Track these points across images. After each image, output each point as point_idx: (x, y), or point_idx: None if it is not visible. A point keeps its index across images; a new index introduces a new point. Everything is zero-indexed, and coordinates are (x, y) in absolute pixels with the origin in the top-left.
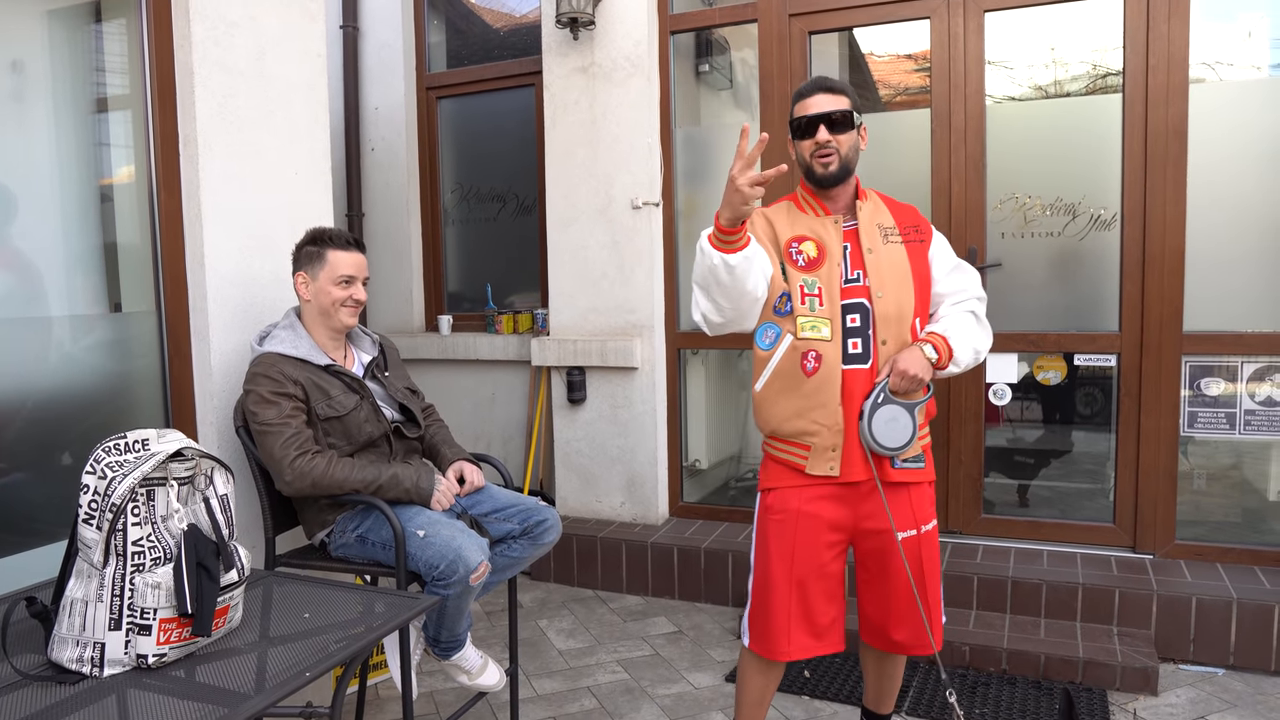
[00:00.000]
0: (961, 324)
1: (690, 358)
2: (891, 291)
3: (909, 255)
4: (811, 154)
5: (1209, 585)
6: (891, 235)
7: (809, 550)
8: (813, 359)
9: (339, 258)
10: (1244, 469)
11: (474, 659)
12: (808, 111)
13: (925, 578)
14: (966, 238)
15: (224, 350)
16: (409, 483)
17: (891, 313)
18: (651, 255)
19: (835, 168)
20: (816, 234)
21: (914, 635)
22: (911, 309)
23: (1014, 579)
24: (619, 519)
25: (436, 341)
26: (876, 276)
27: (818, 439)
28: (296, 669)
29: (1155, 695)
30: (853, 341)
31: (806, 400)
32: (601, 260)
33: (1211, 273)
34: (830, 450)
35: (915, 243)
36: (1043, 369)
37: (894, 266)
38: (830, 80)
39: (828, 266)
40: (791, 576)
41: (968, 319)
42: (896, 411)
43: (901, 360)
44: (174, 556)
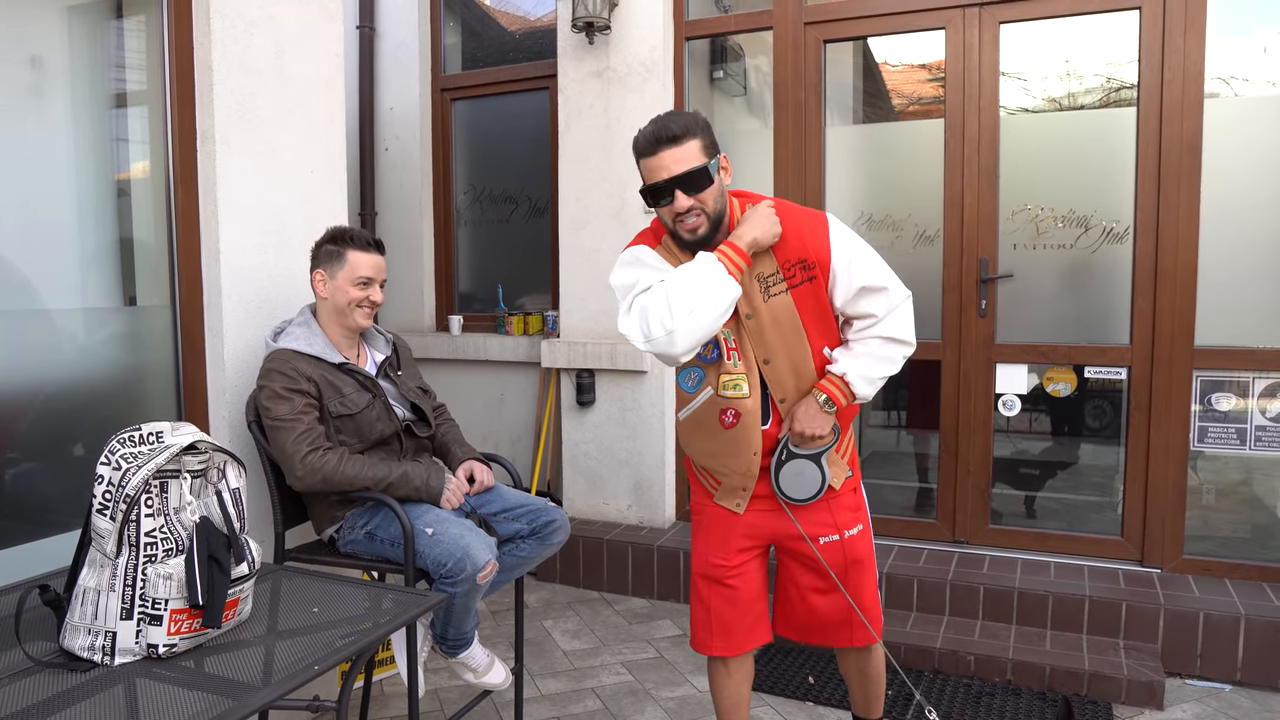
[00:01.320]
0: (862, 355)
1: None
2: (780, 353)
3: (797, 301)
4: (675, 219)
5: (1217, 600)
6: (775, 284)
7: (722, 551)
8: (731, 415)
9: (359, 258)
10: (1254, 485)
11: (480, 657)
12: (657, 177)
13: (849, 579)
14: (978, 249)
15: (238, 345)
16: (419, 481)
17: (784, 372)
18: None
19: (705, 230)
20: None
21: (843, 633)
22: (809, 356)
23: (1020, 590)
24: (626, 521)
25: (447, 341)
26: (761, 344)
27: (728, 480)
28: (304, 663)
29: (1161, 710)
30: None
31: (721, 448)
32: (613, 263)
33: (1223, 287)
34: (741, 490)
35: (805, 283)
36: (1052, 381)
37: (779, 325)
38: (670, 126)
39: (738, 322)
40: (708, 575)
41: (871, 346)
42: (803, 465)
43: (798, 421)
44: (186, 548)
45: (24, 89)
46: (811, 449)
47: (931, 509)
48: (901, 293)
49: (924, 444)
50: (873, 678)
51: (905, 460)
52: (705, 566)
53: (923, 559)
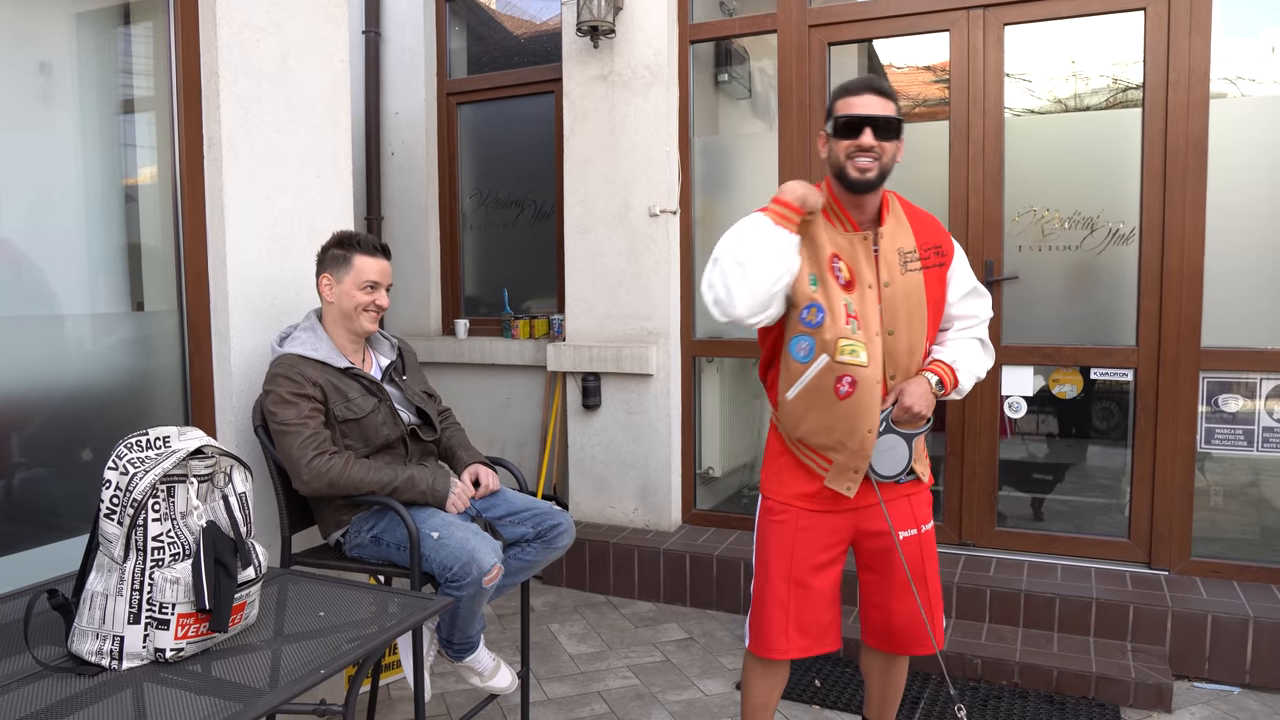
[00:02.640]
0: (968, 352)
1: (705, 365)
2: (903, 327)
3: (926, 283)
4: (848, 155)
5: (1225, 603)
6: (911, 261)
7: (807, 551)
8: (847, 384)
9: (365, 263)
10: (1262, 486)
11: (486, 661)
12: (854, 110)
13: (926, 576)
14: (984, 250)
15: (244, 350)
16: (424, 485)
17: (902, 348)
18: (668, 263)
19: (874, 175)
20: (847, 254)
21: (914, 635)
22: (923, 342)
23: (1027, 592)
24: (632, 525)
25: (453, 345)
26: (891, 313)
27: (840, 458)
28: (310, 667)
29: (1169, 713)
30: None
31: (836, 422)
32: (618, 267)
33: (1230, 289)
34: (853, 471)
35: (935, 267)
36: (1058, 382)
37: (909, 299)
38: (881, 82)
39: (860, 291)
40: (790, 577)
41: (973, 346)
42: (895, 441)
43: (907, 395)
44: (193, 552)
45: (33, 95)
46: (910, 429)
47: (938, 511)
48: (990, 309)
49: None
50: (897, 682)
51: None
52: (790, 568)
53: None
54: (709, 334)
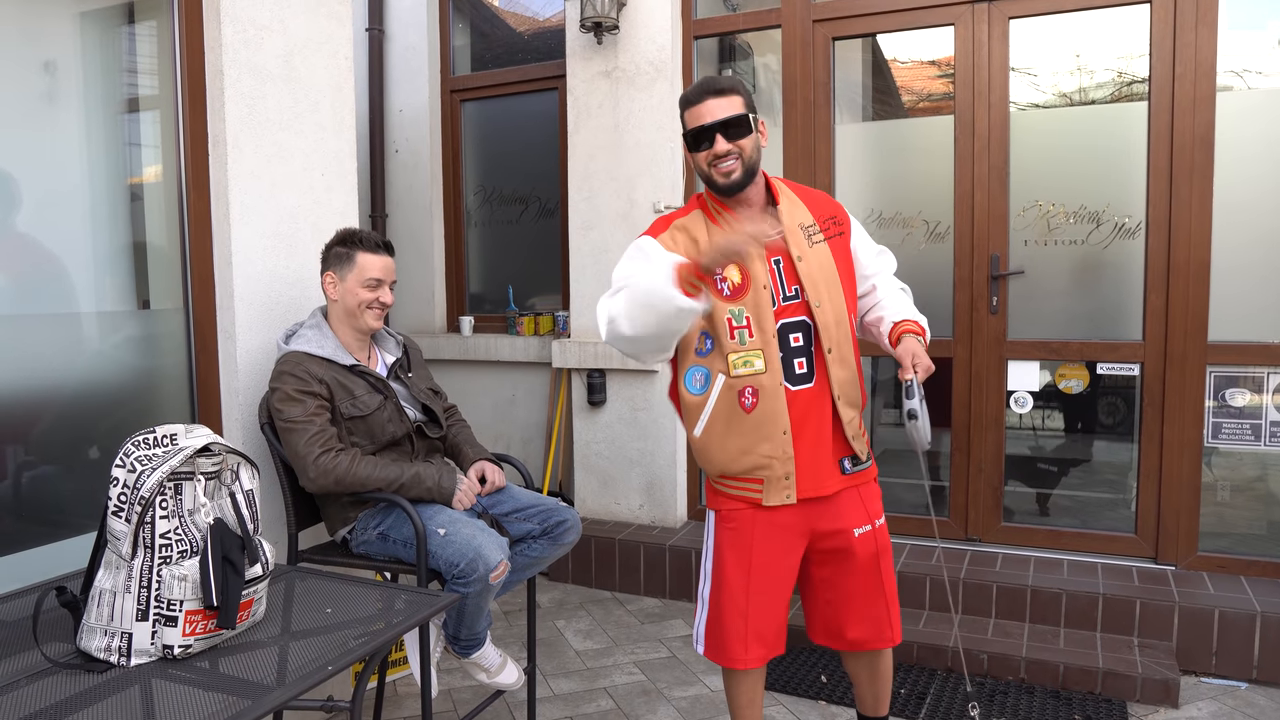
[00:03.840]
0: (908, 304)
1: None
2: (827, 298)
3: (833, 251)
4: (710, 164)
5: (1232, 597)
6: (814, 235)
7: (766, 559)
8: (750, 394)
9: (368, 260)
10: (1269, 481)
11: (493, 657)
12: (700, 121)
13: (882, 571)
14: (989, 245)
15: (250, 348)
16: (431, 481)
17: (830, 319)
18: None
19: (739, 175)
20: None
21: (872, 630)
22: (845, 309)
23: (1033, 588)
24: (637, 521)
25: (458, 342)
26: (812, 287)
27: (769, 471)
28: (318, 663)
29: (1176, 708)
30: (798, 361)
31: (750, 436)
32: None
33: (1237, 283)
34: (784, 479)
35: (836, 236)
36: (1065, 377)
37: (823, 269)
38: (717, 81)
39: (754, 292)
40: (749, 585)
41: (905, 298)
42: (924, 409)
43: (921, 355)
44: (200, 550)
45: (37, 94)
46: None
47: (944, 507)
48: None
49: (936, 442)
50: (883, 675)
51: (917, 458)
52: (749, 576)
53: (935, 557)
54: None
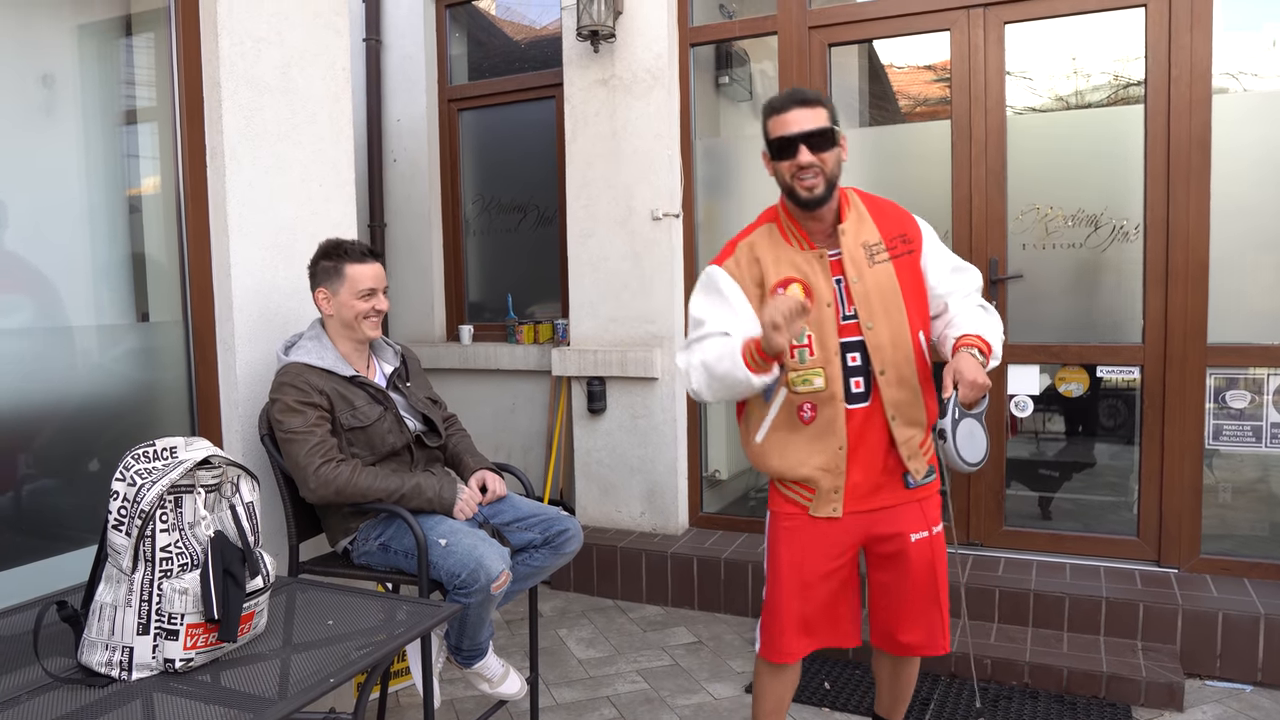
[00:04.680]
0: (979, 318)
1: None
2: (882, 318)
3: (897, 271)
4: (792, 175)
5: (1236, 600)
6: (878, 254)
7: (818, 558)
8: (809, 409)
9: (358, 271)
10: (1271, 483)
11: (495, 667)
12: (786, 130)
13: (937, 578)
14: (987, 249)
15: (249, 359)
16: (431, 492)
17: (885, 340)
18: (672, 266)
19: (821, 190)
20: (802, 273)
21: (925, 636)
22: (907, 329)
23: (1036, 591)
24: (639, 529)
25: (457, 351)
26: (865, 308)
27: (821, 483)
28: (320, 675)
29: (1181, 711)
30: (855, 380)
31: (807, 448)
32: (622, 271)
33: (1236, 284)
34: (833, 493)
35: (904, 255)
36: (1064, 381)
37: (882, 290)
38: (805, 92)
39: (817, 310)
40: (802, 581)
41: (978, 312)
42: (972, 426)
43: (969, 371)
44: (201, 563)
45: (36, 106)
46: (978, 407)
47: (945, 512)
48: (979, 278)
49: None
50: (908, 681)
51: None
52: (802, 572)
53: None
54: None
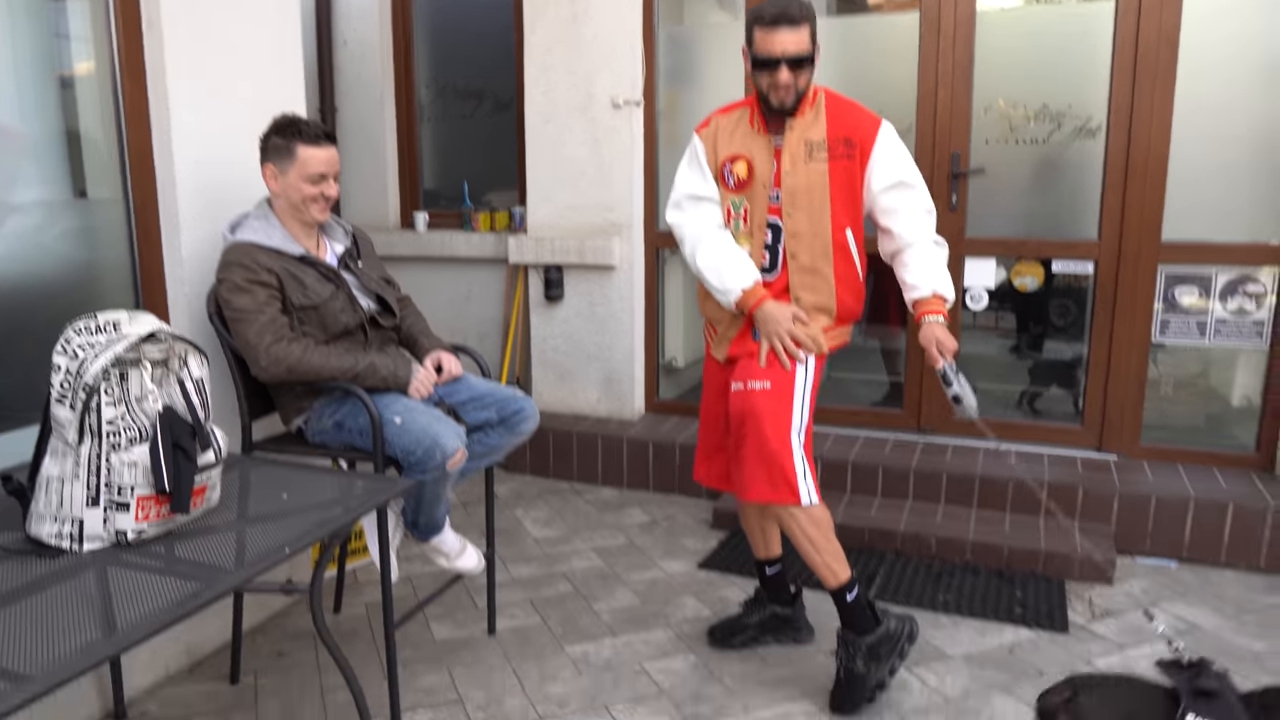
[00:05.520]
0: (936, 266)
1: (668, 257)
2: (804, 210)
3: (831, 173)
4: (768, 87)
5: (1169, 484)
6: (817, 152)
7: (711, 393)
8: None
9: (309, 155)
10: (1210, 376)
11: (453, 542)
12: (771, 50)
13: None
14: (951, 143)
15: (195, 238)
16: (386, 370)
17: (803, 230)
18: (631, 154)
19: (790, 102)
20: (750, 152)
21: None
22: (828, 225)
23: (982, 475)
24: (595, 414)
25: (412, 239)
26: (789, 197)
27: (722, 328)
28: (276, 545)
29: (1110, 585)
30: (764, 255)
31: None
32: (580, 158)
33: (1193, 183)
34: (726, 340)
35: (842, 159)
36: (1020, 275)
37: (810, 186)
38: (792, 9)
39: (753, 188)
40: (702, 412)
41: (934, 256)
42: (964, 381)
43: (948, 340)
44: (150, 436)
45: None
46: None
47: (899, 400)
48: (929, 200)
49: (893, 340)
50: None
51: (874, 356)
52: (701, 404)
53: (888, 448)
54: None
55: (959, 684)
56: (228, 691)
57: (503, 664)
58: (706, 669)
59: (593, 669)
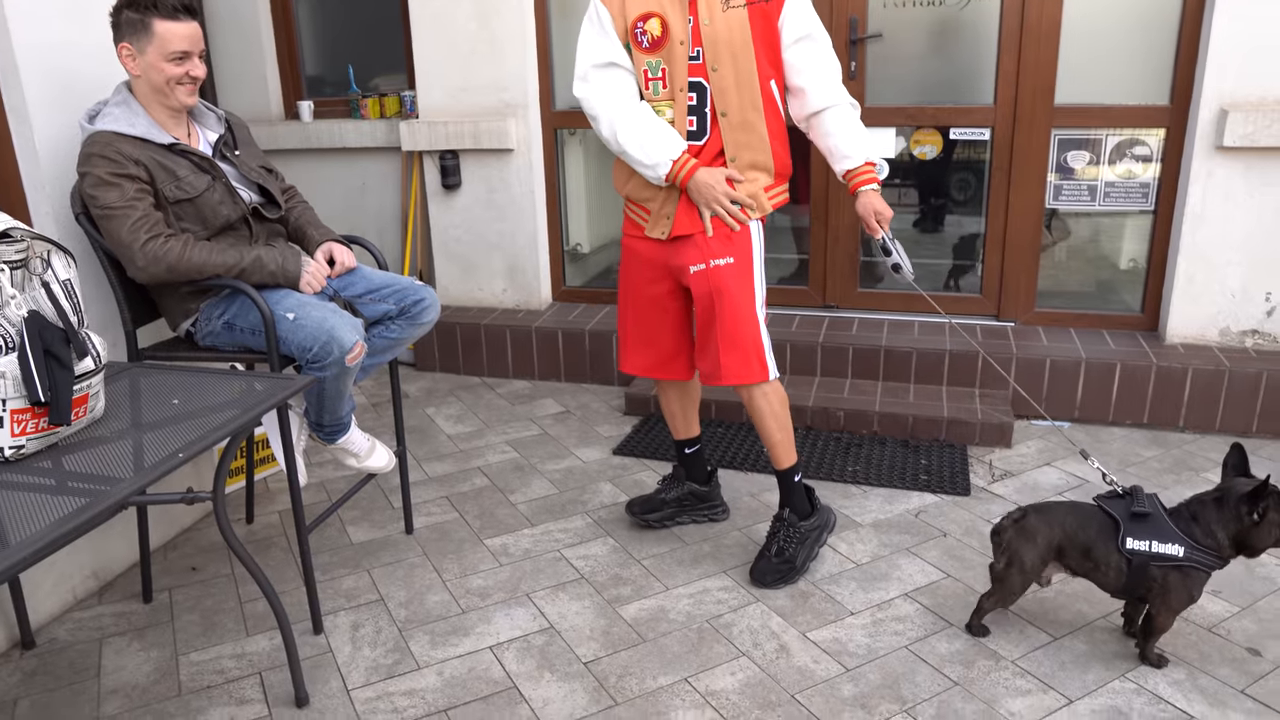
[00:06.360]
0: (860, 131)
1: (568, 139)
2: (728, 63)
3: (751, 19)
4: None
5: (1062, 348)
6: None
7: (637, 279)
8: None
9: (168, 30)
10: (1100, 242)
11: (361, 442)
12: None
13: (716, 310)
14: (848, 7)
15: (49, 132)
16: (274, 265)
17: (729, 84)
18: (523, 29)
19: None
20: (662, 8)
21: (710, 365)
22: (755, 76)
23: (886, 348)
24: (502, 306)
25: (298, 130)
26: (712, 50)
27: (655, 205)
28: (171, 451)
29: (1009, 448)
30: (690, 119)
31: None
32: (469, 34)
33: (1085, 45)
34: (665, 218)
35: (759, 2)
36: (919, 144)
37: (731, 35)
38: None
39: (670, 46)
40: (627, 299)
41: (855, 119)
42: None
43: (885, 209)
44: (16, 344)
45: None
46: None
47: (804, 277)
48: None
49: (799, 216)
50: (755, 425)
51: (783, 233)
52: (628, 291)
53: (795, 324)
54: (570, 105)
55: (868, 550)
56: (141, 610)
57: (422, 561)
58: (625, 551)
59: (512, 559)
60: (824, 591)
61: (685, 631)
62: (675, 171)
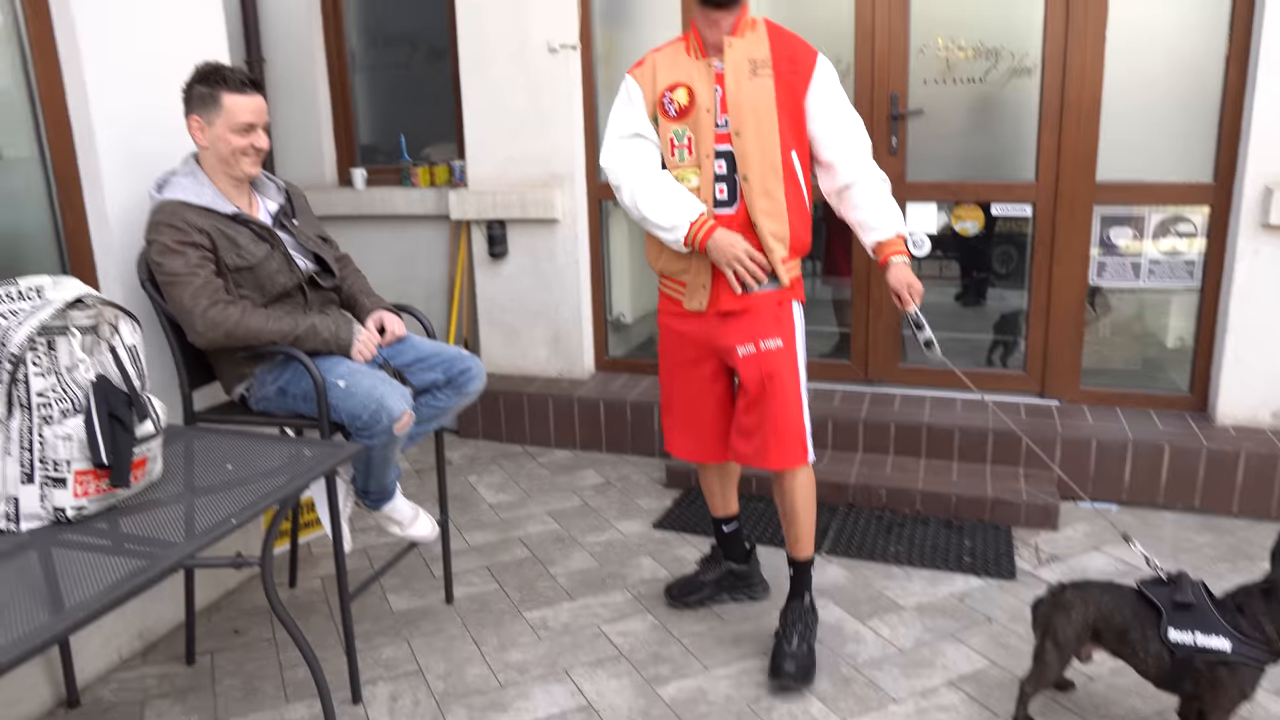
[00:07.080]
0: (890, 204)
1: (612, 209)
2: (751, 127)
3: (777, 89)
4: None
5: (1108, 428)
6: (762, 69)
7: (677, 359)
8: None
9: (236, 103)
10: (1145, 319)
11: (405, 510)
12: None
13: (766, 393)
14: (889, 84)
15: (120, 199)
16: (327, 333)
17: (751, 149)
18: (570, 102)
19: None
20: (690, 79)
21: (753, 449)
22: (777, 144)
23: (929, 425)
24: (545, 374)
25: (351, 197)
26: (736, 115)
27: (688, 275)
28: (224, 517)
29: (1056, 530)
30: (719, 187)
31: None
32: (519, 107)
33: (1126, 122)
34: (701, 288)
35: (787, 75)
36: (960, 219)
37: (755, 103)
38: None
39: (696, 114)
40: (672, 385)
41: (884, 192)
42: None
43: (915, 284)
44: (84, 408)
45: None
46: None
47: (846, 351)
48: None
49: (840, 290)
50: (788, 511)
51: (824, 307)
52: (666, 375)
53: (837, 400)
54: None
55: (911, 634)
56: (184, 672)
57: (462, 632)
58: (665, 629)
59: (551, 634)
60: (866, 676)
61: (724, 715)
62: (694, 234)
